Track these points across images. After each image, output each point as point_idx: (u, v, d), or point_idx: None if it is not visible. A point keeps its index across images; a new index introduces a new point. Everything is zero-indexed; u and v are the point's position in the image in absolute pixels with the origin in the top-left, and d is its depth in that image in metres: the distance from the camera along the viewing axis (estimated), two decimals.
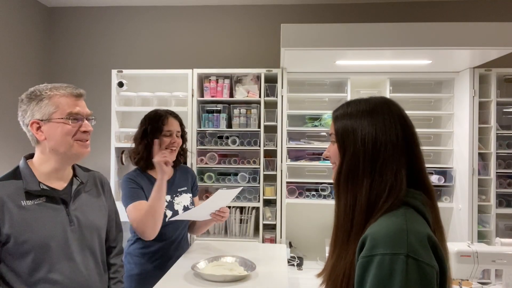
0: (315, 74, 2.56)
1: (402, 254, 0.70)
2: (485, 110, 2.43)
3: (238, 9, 2.93)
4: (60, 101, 1.16)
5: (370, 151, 0.82)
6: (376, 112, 0.85)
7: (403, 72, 2.51)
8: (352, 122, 0.86)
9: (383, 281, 0.70)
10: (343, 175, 0.86)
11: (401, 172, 0.81)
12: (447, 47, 1.96)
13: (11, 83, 2.67)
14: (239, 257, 1.72)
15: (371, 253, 0.73)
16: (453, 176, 2.51)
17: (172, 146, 1.81)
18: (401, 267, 0.69)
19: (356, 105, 0.88)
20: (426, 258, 0.71)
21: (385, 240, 0.73)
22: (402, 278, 0.69)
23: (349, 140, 0.86)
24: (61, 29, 3.04)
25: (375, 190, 0.81)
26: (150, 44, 2.98)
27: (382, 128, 0.83)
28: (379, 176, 0.81)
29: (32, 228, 1.11)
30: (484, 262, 1.66)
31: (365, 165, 0.82)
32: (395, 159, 0.81)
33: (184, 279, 1.53)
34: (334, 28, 2.02)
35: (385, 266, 0.70)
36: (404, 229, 0.73)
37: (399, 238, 0.72)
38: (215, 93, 2.59)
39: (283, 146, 2.49)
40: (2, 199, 1.09)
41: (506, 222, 2.50)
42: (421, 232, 0.73)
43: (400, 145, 0.82)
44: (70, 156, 1.20)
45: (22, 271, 1.11)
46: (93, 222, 1.27)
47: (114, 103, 2.63)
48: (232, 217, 2.58)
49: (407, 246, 0.71)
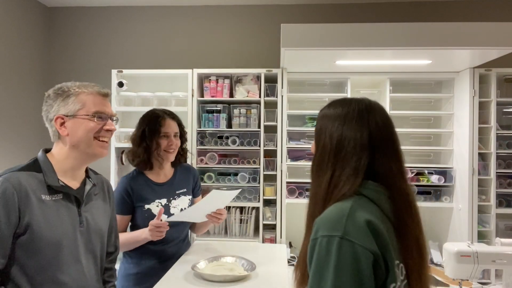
0: (315, 74, 2.56)
1: (337, 236, 0.78)
2: (485, 110, 2.43)
3: (238, 9, 2.93)
4: (87, 98, 1.18)
5: (334, 147, 0.92)
6: (350, 117, 0.94)
7: (403, 72, 2.51)
8: (327, 122, 0.96)
9: (322, 260, 0.79)
10: (314, 167, 0.98)
11: (360, 168, 0.89)
12: (447, 47, 1.96)
13: (11, 83, 2.67)
14: (239, 257, 1.72)
15: (315, 236, 0.82)
16: (453, 176, 2.51)
17: (169, 148, 1.79)
18: (335, 247, 0.78)
19: (335, 108, 0.98)
20: (361, 241, 0.77)
21: (326, 224, 0.82)
22: (336, 257, 0.77)
23: (320, 138, 0.97)
24: (61, 29, 3.04)
25: (334, 181, 0.90)
26: (150, 44, 2.98)
27: (349, 129, 0.92)
28: (339, 170, 0.90)
29: (50, 225, 1.10)
30: (484, 262, 1.66)
31: (329, 159, 0.93)
32: (355, 156, 0.90)
33: (184, 279, 1.53)
34: (334, 28, 2.02)
35: (323, 247, 0.79)
36: (345, 214, 0.81)
37: (338, 222, 0.80)
38: (215, 93, 2.59)
39: (283, 146, 2.49)
40: (26, 189, 1.08)
41: (506, 222, 2.50)
42: (361, 217, 0.80)
43: (363, 145, 0.90)
44: (89, 154, 1.20)
45: (32, 269, 1.09)
46: (99, 226, 1.26)
47: (114, 103, 2.63)
48: (232, 217, 2.58)
49: (343, 229, 0.79)
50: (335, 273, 0.76)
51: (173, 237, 1.78)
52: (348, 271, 0.76)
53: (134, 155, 1.79)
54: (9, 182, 1.05)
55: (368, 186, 0.88)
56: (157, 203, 1.76)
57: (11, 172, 1.09)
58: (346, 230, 0.78)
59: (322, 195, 0.91)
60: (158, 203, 1.77)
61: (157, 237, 1.61)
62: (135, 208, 1.75)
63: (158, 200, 1.77)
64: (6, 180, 1.06)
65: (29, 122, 2.73)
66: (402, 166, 0.93)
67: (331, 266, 0.77)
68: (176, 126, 1.86)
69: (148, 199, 1.76)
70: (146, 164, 1.78)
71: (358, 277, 0.76)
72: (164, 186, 1.82)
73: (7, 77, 2.64)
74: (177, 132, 1.86)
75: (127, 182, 1.77)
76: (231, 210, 2.58)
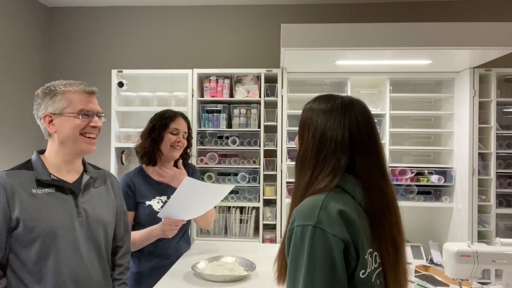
0: (315, 74, 2.56)
1: (311, 225, 0.83)
2: (485, 110, 2.43)
3: (238, 9, 2.93)
4: (72, 97, 1.22)
5: (317, 145, 0.95)
6: (334, 112, 0.96)
7: (403, 72, 2.51)
8: (312, 116, 0.98)
9: (297, 249, 0.83)
10: (298, 164, 1.00)
11: (339, 169, 0.91)
12: (447, 47, 1.96)
13: (11, 83, 2.67)
14: (239, 257, 1.72)
15: (291, 226, 0.86)
16: (453, 176, 2.51)
17: (177, 144, 1.83)
18: (309, 235, 0.82)
19: (320, 103, 0.99)
20: (332, 229, 0.82)
21: (301, 214, 0.86)
22: (309, 245, 0.82)
23: (304, 133, 0.99)
24: (61, 29, 3.04)
25: (313, 179, 0.93)
26: (150, 44, 2.98)
27: (332, 127, 0.94)
28: (318, 169, 0.93)
29: (41, 215, 1.16)
30: (484, 262, 1.65)
31: (311, 158, 0.95)
32: (336, 155, 0.92)
33: (184, 279, 1.53)
34: (334, 28, 2.02)
35: (298, 236, 0.84)
36: (319, 204, 0.85)
37: (311, 212, 0.84)
38: (215, 93, 2.59)
39: (283, 146, 2.48)
40: (13, 186, 1.15)
41: (506, 222, 2.50)
42: (334, 207, 0.84)
43: (344, 144, 0.92)
44: (76, 150, 1.25)
45: (29, 259, 1.14)
46: (100, 217, 1.30)
47: (114, 103, 2.63)
48: (232, 217, 2.58)
49: (316, 218, 0.83)
50: (308, 260, 0.81)
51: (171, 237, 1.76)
52: (320, 258, 0.80)
53: (141, 147, 1.84)
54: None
55: (346, 179, 0.91)
56: (158, 199, 1.79)
57: (1, 172, 1.17)
58: (319, 219, 0.83)
59: (302, 191, 0.95)
60: (159, 199, 1.79)
61: (173, 233, 1.65)
62: (137, 204, 1.77)
63: (158, 197, 1.79)
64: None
65: (29, 122, 2.73)
66: (383, 166, 0.96)
67: (305, 254, 0.81)
68: (186, 126, 1.91)
69: (149, 196, 1.79)
70: (150, 157, 1.81)
71: (330, 264, 0.80)
72: (164, 183, 1.83)
73: (7, 77, 2.64)
74: (186, 132, 1.90)
75: (129, 178, 1.82)
76: (231, 210, 2.58)
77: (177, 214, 1.64)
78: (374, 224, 0.89)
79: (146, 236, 1.69)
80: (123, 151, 2.68)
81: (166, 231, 1.62)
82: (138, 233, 1.71)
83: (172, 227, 1.63)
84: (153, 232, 1.67)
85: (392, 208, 0.93)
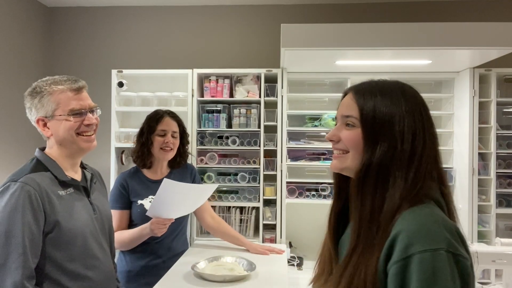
0: (315, 74, 2.56)
1: (443, 249, 0.63)
2: (485, 110, 2.43)
3: (238, 9, 2.93)
4: (60, 97, 1.16)
5: (409, 147, 0.71)
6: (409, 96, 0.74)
7: (403, 72, 2.51)
8: (387, 104, 0.73)
9: (426, 281, 0.62)
10: (372, 172, 0.73)
11: (435, 170, 0.74)
12: (447, 47, 1.96)
13: (11, 83, 2.67)
14: (239, 257, 1.72)
15: (406, 254, 0.64)
16: (453, 176, 2.51)
17: (166, 146, 1.81)
18: (444, 263, 0.62)
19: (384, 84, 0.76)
20: (462, 252, 0.66)
21: (421, 236, 0.64)
22: (447, 275, 0.62)
23: (384, 130, 0.72)
24: (61, 29, 3.04)
25: (408, 190, 0.71)
26: (150, 44, 2.98)
27: (419, 116, 0.72)
28: (414, 176, 0.71)
29: (72, 217, 1.16)
30: (484, 262, 1.66)
31: (402, 163, 0.71)
32: (431, 155, 0.73)
33: (184, 279, 1.53)
34: (334, 28, 2.02)
35: (427, 265, 0.62)
36: (439, 221, 0.66)
37: (436, 232, 0.65)
38: (215, 93, 2.58)
39: (283, 146, 2.48)
40: (45, 189, 1.11)
41: (506, 222, 2.50)
42: (452, 225, 0.68)
43: (436, 139, 0.74)
44: (77, 150, 1.22)
45: (64, 260, 1.13)
46: (107, 211, 1.35)
47: (114, 103, 2.63)
48: (232, 217, 2.58)
49: (445, 240, 0.64)
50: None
51: (162, 238, 1.76)
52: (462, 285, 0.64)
53: (134, 151, 1.86)
54: (30, 185, 1.08)
55: (431, 187, 0.73)
56: (150, 199, 1.79)
57: (26, 176, 1.11)
58: (448, 241, 0.64)
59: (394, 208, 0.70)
60: (152, 198, 1.78)
61: (161, 232, 1.64)
62: (131, 203, 1.80)
63: (151, 196, 1.80)
64: (26, 184, 1.08)
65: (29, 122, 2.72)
66: None
67: (442, 285, 0.62)
68: (175, 125, 1.87)
69: (142, 195, 1.80)
70: (142, 161, 1.82)
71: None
72: (158, 182, 1.81)
73: (6, 77, 2.64)
74: (176, 131, 1.86)
75: (123, 177, 1.84)
76: (231, 210, 2.58)
77: (163, 213, 1.63)
78: None
79: (137, 235, 1.70)
80: (123, 151, 2.68)
81: (154, 229, 1.62)
82: (128, 232, 1.73)
83: (160, 226, 1.62)
84: (143, 231, 1.67)
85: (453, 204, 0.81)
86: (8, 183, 1.09)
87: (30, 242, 1.05)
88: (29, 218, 1.05)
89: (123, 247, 1.75)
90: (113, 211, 1.73)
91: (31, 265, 1.05)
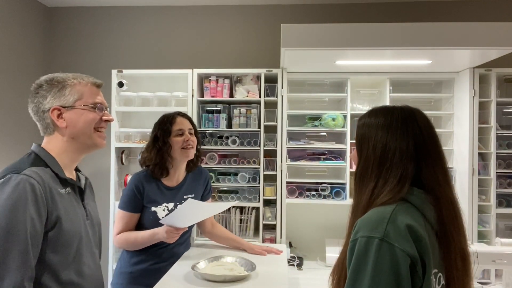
0: (315, 74, 2.56)
1: (377, 238, 0.79)
2: (485, 110, 2.43)
3: (238, 9, 2.93)
4: (84, 89, 1.14)
5: (378, 158, 0.92)
6: (394, 126, 0.94)
7: (403, 72, 2.51)
8: (369, 131, 0.96)
9: (360, 260, 0.80)
10: (357, 177, 0.97)
11: (406, 178, 0.89)
12: (447, 47, 1.96)
13: (11, 83, 2.67)
14: (239, 257, 1.72)
15: (355, 237, 0.83)
16: (453, 176, 2.51)
17: (187, 144, 1.75)
18: (374, 248, 0.79)
19: (377, 117, 0.97)
20: (401, 244, 0.78)
21: (366, 225, 0.83)
22: (374, 258, 0.78)
23: (363, 147, 0.97)
24: (61, 29, 3.04)
25: (377, 191, 0.90)
26: (150, 44, 2.98)
27: (394, 139, 0.92)
28: (383, 180, 0.90)
29: (70, 217, 1.08)
30: (484, 262, 1.66)
31: (373, 169, 0.92)
32: (401, 166, 0.89)
33: (184, 279, 1.53)
34: (334, 28, 2.02)
35: (362, 247, 0.80)
36: (386, 217, 0.82)
37: (378, 224, 0.81)
38: (215, 93, 2.58)
39: (283, 146, 2.48)
40: (48, 184, 1.04)
41: (506, 222, 2.50)
42: (402, 221, 0.81)
43: (409, 155, 0.90)
44: (89, 145, 1.17)
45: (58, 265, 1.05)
46: (98, 218, 1.27)
47: (114, 103, 2.63)
48: (232, 217, 2.58)
49: (384, 231, 0.80)
50: (372, 273, 0.77)
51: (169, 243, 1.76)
52: (386, 273, 0.77)
53: (149, 160, 1.76)
54: (34, 178, 1.00)
55: (412, 193, 0.88)
56: (164, 207, 1.76)
57: (29, 169, 1.03)
58: (387, 232, 0.79)
59: (364, 204, 0.92)
60: (165, 207, 1.76)
61: (174, 239, 1.63)
62: (143, 208, 1.75)
63: (165, 204, 1.77)
64: (30, 177, 1.00)
65: (29, 122, 2.73)
66: (447, 173, 0.94)
67: (369, 267, 0.78)
68: (188, 123, 1.83)
69: (156, 202, 1.75)
70: (161, 168, 1.75)
71: (395, 280, 0.76)
72: (173, 190, 1.81)
73: (6, 77, 2.64)
74: (192, 128, 1.83)
75: (139, 179, 1.75)
76: (231, 210, 2.58)
77: (178, 224, 1.64)
78: (443, 241, 0.86)
79: (148, 239, 1.68)
80: (123, 151, 2.68)
81: (168, 238, 1.62)
82: (138, 234, 1.70)
83: (174, 235, 1.62)
84: (156, 236, 1.66)
85: (460, 217, 0.91)
86: (9, 175, 0.99)
87: (32, 240, 0.97)
88: (33, 214, 0.97)
89: (129, 247, 1.74)
90: (122, 212, 1.72)
91: (33, 264, 0.97)
